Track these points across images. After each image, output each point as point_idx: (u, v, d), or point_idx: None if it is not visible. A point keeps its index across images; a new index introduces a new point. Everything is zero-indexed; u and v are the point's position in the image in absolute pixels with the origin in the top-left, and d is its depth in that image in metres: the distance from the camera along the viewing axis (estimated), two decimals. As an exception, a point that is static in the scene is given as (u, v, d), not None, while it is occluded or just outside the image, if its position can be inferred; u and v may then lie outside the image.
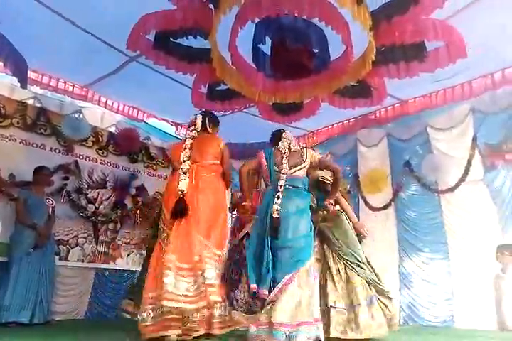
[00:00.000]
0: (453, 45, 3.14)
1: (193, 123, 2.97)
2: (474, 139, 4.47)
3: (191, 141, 2.83)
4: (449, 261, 4.58)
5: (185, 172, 2.70)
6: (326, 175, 3.24)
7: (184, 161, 2.73)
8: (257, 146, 6.04)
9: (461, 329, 4.09)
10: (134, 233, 5.38)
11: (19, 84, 3.86)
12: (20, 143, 4.49)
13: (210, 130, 3.01)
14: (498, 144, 4.26)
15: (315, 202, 3.24)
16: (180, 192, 2.62)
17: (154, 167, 5.85)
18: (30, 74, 4.14)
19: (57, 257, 4.40)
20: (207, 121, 3.00)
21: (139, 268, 5.24)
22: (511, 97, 4.24)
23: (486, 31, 3.32)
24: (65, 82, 4.56)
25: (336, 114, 5.02)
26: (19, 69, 3.65)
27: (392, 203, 5.17)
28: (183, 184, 2.65)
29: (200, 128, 2.94)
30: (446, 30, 2.99)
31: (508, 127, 4.24)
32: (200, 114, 3.06)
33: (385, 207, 5.18)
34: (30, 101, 4.65)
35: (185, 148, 2.78)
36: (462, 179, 4.48)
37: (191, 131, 2.91)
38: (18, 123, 4.50)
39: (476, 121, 4.53)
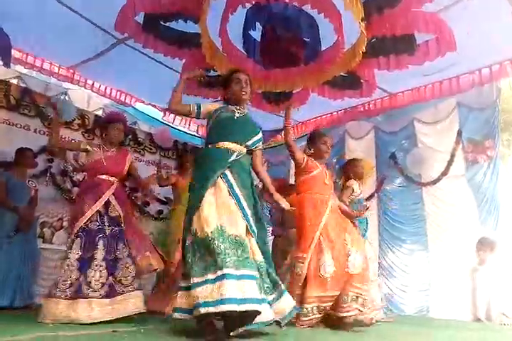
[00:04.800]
0: (442, 38, 3.16)
1: None
2: (459, 134, 4.52)
3: None
4: (428, 253, 4.68)
5: None
6: None
7: None
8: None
9: (436, 319, 4.20)
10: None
11: (2, 63, 3.75)
12: (3, 122, 4.40)
13: None
14: (480, 140, 4.31)
15: None
16: None
17: (142, 152, 5.80)
18: (15, 54, 4.02)
19: (41, 240, 4.36)
20: None
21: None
22: (496, 94, 4.29)
23: (474, 28, 3.33)
24: (50, 63, 4.43)
25: (326, 105, 5.02)
26: (2, 48, 3.54)
27: (376, 194, 5.23)
28: None
29: None
30: (436, 23, 3.00)
31: (491, 123, 4.29)
32: None
33: (369, 199, 5.23)
34: (14, 81, 4.53)
35: None
36: (444, 173, 4.54)
37: None
38: (1, 102, 4.40)
39: (462, 116, 4.57)
